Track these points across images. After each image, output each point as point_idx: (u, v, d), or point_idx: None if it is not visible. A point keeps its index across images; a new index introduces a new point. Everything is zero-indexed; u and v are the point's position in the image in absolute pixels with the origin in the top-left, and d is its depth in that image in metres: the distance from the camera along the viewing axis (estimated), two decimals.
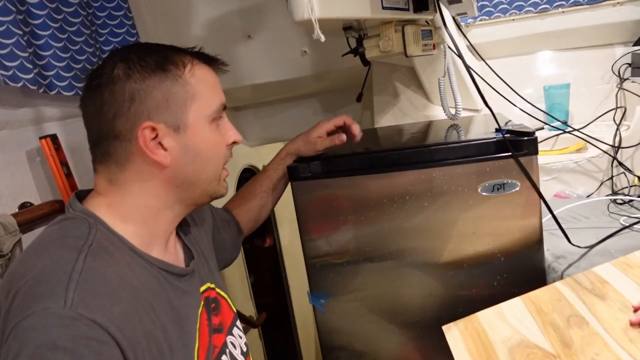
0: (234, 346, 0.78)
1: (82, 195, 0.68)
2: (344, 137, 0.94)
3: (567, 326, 0.65)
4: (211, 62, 0.72)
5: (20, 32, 1.01)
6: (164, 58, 0.66)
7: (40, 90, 1.08)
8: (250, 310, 2.30)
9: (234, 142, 0.75)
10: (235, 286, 2.17)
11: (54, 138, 1.12)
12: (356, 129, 0.96)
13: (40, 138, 1.10)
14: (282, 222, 2.61)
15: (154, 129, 0.63)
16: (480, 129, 1.10)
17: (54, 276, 0.53)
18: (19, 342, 0.48)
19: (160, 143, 0.64)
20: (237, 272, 2.21)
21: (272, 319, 2.35)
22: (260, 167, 2.47)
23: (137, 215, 0.66)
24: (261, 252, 2.61)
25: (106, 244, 0.60)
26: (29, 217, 1.05)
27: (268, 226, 2.57)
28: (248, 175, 2.36)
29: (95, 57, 1.24)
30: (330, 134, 0.97)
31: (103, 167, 0.66)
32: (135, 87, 0.63)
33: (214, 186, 0.73)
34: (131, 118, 0.63)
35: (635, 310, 0.63)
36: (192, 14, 1.60)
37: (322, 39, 0.77)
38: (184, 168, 0.67)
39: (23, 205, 1.09)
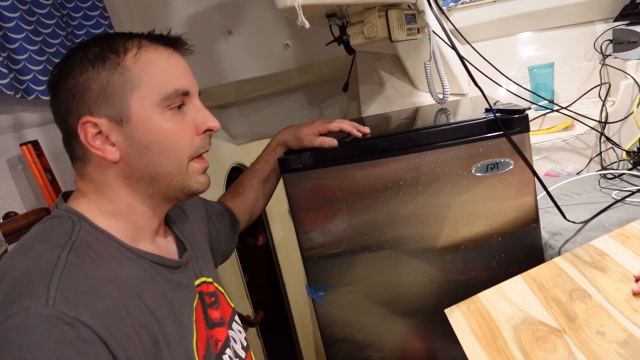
0: (235, 341, 0.77)
1: (69, 196, 0.67)
2: (335, 142, 0.89)
3: (569, 300, 0.64)
4: (167, 42, 0.66)
5: None
6: (107, 47, 0.62)
7: (18, 96, 1.05)
8: (247, 309, 2.28)
9: (208, 130, 0.68)
10: (231, 285, 2.15)
11: (35, 144, 1.09)
12: (358, 133, 0.92)
13: (21, 145, 1.07)
14: (273, 219, 2.59)
15: (95, 124, 0.61)
16: (470, 111, 1.09)
17: (36, 274, 0.52)
18: (1, 344, 0.47)
19: (108, 138, 0.62)
20: (232, 272, 2.19)
21: (270, 316, 2.34)
22: (249, 165, 2.44)
23: (114, 210, 0.64)
24: (255, 250, 2.59)
25: (90, 240, 0.59)
26: (14, 227, 1.02)
27: (260, 224, 2.55)
28: (236, 174, 2.33)
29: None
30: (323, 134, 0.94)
31: (74, 165, 0.66)
32: (75, 82, 0.61)
33: (181, 180, 0.66)
34: (76, 114, 0.61)
35: (637, 280, 0.63)
36: (170, 11, 1.57)
37: (307, 25, 0.76)
38: (136, 162, 0.63)
39: (7, 215, 1.06)
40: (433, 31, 1.09)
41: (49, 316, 0.48)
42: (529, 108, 1.40)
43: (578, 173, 1.26)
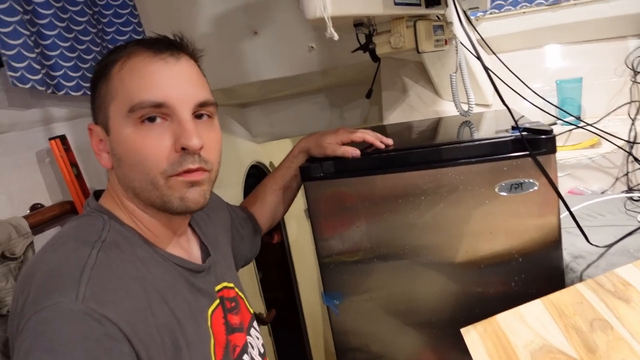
0: (252, 347, 0.78)
1: (99, 194, 0.70)
2: (358, 152, 0.89)
3: (590, 330, 0.64)
4: (158, 49, 0.62)
5: (28, 33, 1.00)
6: (112, 59, 0.64)
7: (49, 91, 1.07)
8: (259, 307, 2.30)
9: (183, 149, 0.61)
10: (244, 282, 2.16)
11: (63, 139, 1.12)
12: (381, 145, 0.92)
13: (50, 139, 1.10)
14: (289, 219, 2.60)
15: (96, 132, 0.65)
16: (494, 126, 1.08)
17: (67, 271, 0.53)
18: (32, 336, 0.49)
19: (106, 146, 0.65)
20: (246, 269, 2.21)
21: (281, 315, 2.35)
22: (268, 164, 2.45)
23: (134, 211, 0.66)
24: (269, 248, 2.61)
25: (119, 240, 0.61)
26: (40, 218, 1.05)
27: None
28: (255, 171, 2.35)
29: (101, 56, 1.23)
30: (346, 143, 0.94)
31: None
32: (92, 90, 0.66)
33: (160, 197, 0.62)
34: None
35: None
36: (198, 11, 1.58)
37: (336, 37, 0.76)
38: (118, 172, 0.64)
39: (34, 207, 1.08)
40: (461, 43, 1.08)
41: (78, 312, 0.50)
42: (555, 123, 1.39)
43: (603, 192, 1.23)
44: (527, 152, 0.80)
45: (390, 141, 0.92)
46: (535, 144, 0.79)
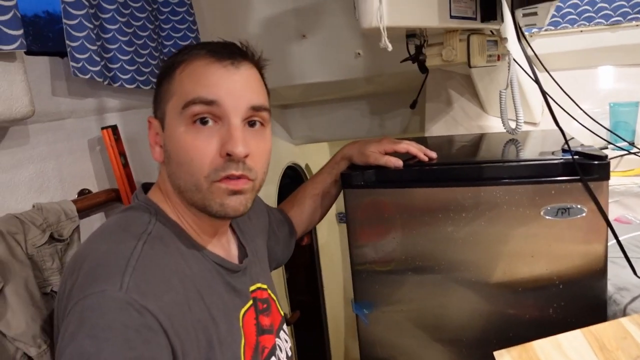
0: (280, 349, 0.78)
1: (148, 187, 0.72)
2: (400, 163, 0.88)
3: None
4: (220, 56, 0.64)
5: (91, 26, 1.05)
6: (177, 57, 0.67)
7: (105, 82, 1.12)
8: (284, 307, 2.32)
9: (228, 155, 0.61)
10: None
11: (114, 129, 1.16)
12: (425, 157, 0.90)
13: (102, 128, 1.14)
14: (320, 222, 2.61)
15: (153, 125, 0.68)
16: (542, 147, 1.05)
17: (113, 260, 0.55)
18: (78, 320, 0.51)
19: (161, 140, 0.67)
20: None
21: (304, 317, 2.36)
22: (304, 166, 2.47)
23: (180, 207, 0.68)
24: (298, 250, 2.62)
25: (163, 234, 0.63)
26: (87, 204, 1.09)
27: None
28: (290, 172, 2.37)
29: (157, 52, 1.27)
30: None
31: None
32: (157, 85, 0.69)
33: (202, 199, 0.63)
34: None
35: None
36: (250, 12, 1.61)
37: (389, 48, 0.76)
38: (167, 168, 0.66)
39: (82, 192, 1.13)
40: (514, 59, 1.06)
41: (121, 301, 0.52)
42: (606, 147, 1.34)
43: None
44: (578, 177, 0.77)
45: (434, 154, 0.91)
46: (587, 169, 0.77)
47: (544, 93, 0.79)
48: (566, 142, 0.82)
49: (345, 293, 2.82)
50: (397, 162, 0.89)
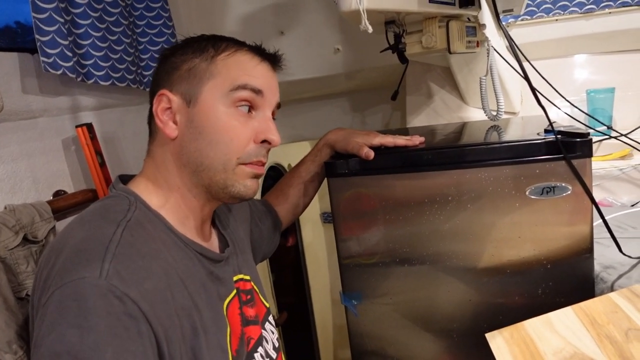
0: (267, 340, 0.77)
1: (125, 179, 0.70)
2: (372, 154, 0.87)
3: (626, 340, 0.61)
4: (264, 55, 0.71)
5: (62, 20, 1.02)
6: (211, 43, 0.68)
7: (78, 79, 1.09)
8: (271, 309, 2.29)
9: (265, 141, 0.68)
10: None
11: (89, 127, 1.13)
12: (413, 143, 0.90)
13: (77, 126, 1.11)
14: (305, 222, 2.59)
15: (170, 99, 0.66)
16: (523, 130, 1.06)
17: (92, 247, 0.54)
18: (57, 308, 0.50)
19: (174, 116, 0.66)
20: (260, 270, 2.20)
21: (292, 318, 2.34)
22: (286, 166, 2.45)
23: (167, 190, 0.67)
24: (284, 251, 2.60)
25: (144, 221, 0.61)
26: (62, 204, 1.05)
27: (292, 225, 2.55)
28: (272, 173, 2.35)
29: (132, 48, 1.24)
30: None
31: (148, 144, 0.71)
32: (174, 60, 0.68)
33: (224, 179, 0.66)
34: (160, 85, 0.68)
35: None
36: (227, 8, 1.59)
37: (370, 30, 0.75)
38: (188, 145, 0.66)
39: (57, 193, 1.09)
40: (493, 47, 1.07)
41: (101, 288, 0.50)
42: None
43: (633, 205, 1.19)
44: (562, 155, 0.77)
45: (422, 139, 0.91)
46: (570, 147, 0.77)
47: (525, 75, 0.79)
48: (549, 122, 0.82)
49: (332, 293, 2.81)
50: (369, 153, 0.87)
